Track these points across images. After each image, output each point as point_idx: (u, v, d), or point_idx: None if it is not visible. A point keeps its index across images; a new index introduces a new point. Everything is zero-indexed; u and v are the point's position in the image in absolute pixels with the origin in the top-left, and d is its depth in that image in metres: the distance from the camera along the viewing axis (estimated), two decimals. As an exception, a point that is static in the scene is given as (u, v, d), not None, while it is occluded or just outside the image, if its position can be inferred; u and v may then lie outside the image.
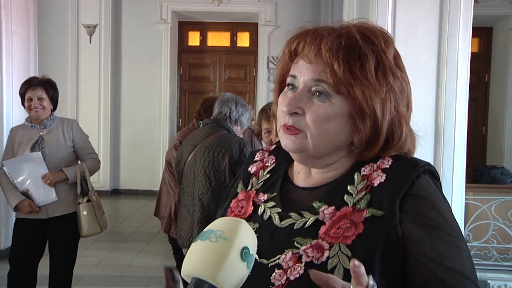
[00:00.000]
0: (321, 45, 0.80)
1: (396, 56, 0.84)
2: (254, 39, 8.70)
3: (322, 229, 0.80)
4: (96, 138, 7.91)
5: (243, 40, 8.84)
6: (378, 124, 0.80)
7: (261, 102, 8.03)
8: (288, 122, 0.82)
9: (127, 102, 8.30)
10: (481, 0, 6.95)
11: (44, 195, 2.93)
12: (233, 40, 8.82)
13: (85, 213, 2.97)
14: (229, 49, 8.81)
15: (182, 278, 0.67)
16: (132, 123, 8.22)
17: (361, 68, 0.79)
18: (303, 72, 0.82)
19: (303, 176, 0.90)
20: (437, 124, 3.24)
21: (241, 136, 2.79)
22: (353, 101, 0.80)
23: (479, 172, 5.08)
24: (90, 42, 7.96)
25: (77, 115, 7.90)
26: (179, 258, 3.31)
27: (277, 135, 1.93)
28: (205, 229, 0.68)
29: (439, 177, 0.85)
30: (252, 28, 8.70)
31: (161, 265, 4.25)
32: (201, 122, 3.20)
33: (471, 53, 3.34)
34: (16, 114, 4.51)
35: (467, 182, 3.45)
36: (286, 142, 0.84)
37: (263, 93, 8.36)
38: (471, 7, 3.29)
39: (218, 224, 0.68)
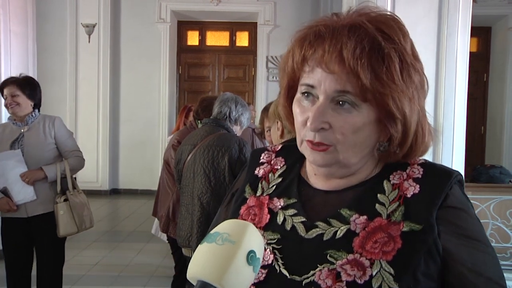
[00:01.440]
0: (342, 51, 0.73)
1: (412, 47, 0.79)
2: (253, 39, 8.70)
3: (356, 241, 0.75)
4: (95, 137, 7.92)
5: (242, 39, 8.84)
6: (407, 125, 0.77)
7: (260, 102, 8.03)
8: (315, 139, 0.76)
9: (126, 101, 8.30)
10: (479, 0, 6.96)
11: (23, 193, 2.88)
12: (232, 40, 8.81)
13: (62, 212, 2.89)
14: (228, 48, 8.81)
15: (187, 280, 0.67)
16: (131, 123, 8.22)
17: (387, 71, 0.74)
18: (323, 82, 0.75)
19: (322, 178, 0.84)
20: (436, 123, 3.24)
21: (240, 135, 2.79)
22: (381, 107, 0.75)
23: (478, 172, 5.09)
24: (89, 42, 7.95)
25: (75, 114, 7.91)
26: (178, 257, 3.31)
27: (281, 136, 1.91)
28: (212, 231, 0.67)
29: (464, 184, 0.82)
30: (251, 27, 8.69)
31: (160, 265, 4.26)
32: (199, 121, 3.20)
33: (470, 52, 3.34)
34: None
35: (466, 181, 3.45)
36: (314, 158, 0.78)
37: (262, 93, 8.35)
38: (469, 6, 3.29)
39: (225, 227, 0.67)
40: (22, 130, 2.94)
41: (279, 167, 0.90)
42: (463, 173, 3.29)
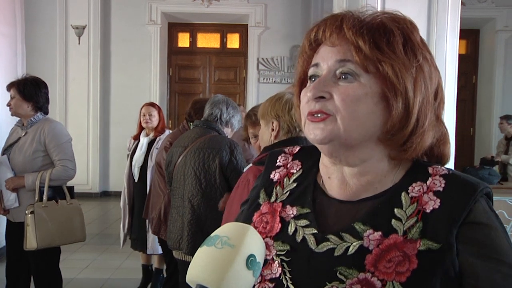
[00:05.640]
0: (342, 24, 0.75)
1: (423, 41, 0.78)
2: (244, 41, 8.70)
3: (369, 258, 0.70)
4: (85, 139, 7.86)
5: (233, 41, 8.84)
6: (409, 103, 0.72)
7: (251, 103, 8.03)
8: (314, 108, 0.73)
9: (116, 103, 8.25)
10: (468, 3, 7.03)
11: (10, 199, 2.86)
12: (223, 42, 8.81)
13: (28, 224, 2.73)
14: (219, 50, 8.80)
15: (180, 283, 0.66)
16: (121, 125, 8.16)
17: (388, 43, 0.73)
18: (326, 57, 0.76)
19: (336, 183, 0.79)
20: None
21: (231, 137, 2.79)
22: (383, 79, 0.72)
23: (467, 173, 5.13)
24: (79, 43, 7.90)
25: (65, 116, 7.84)
26: (169, 260, 3.29)
27: (276, 137, 1.91)
28: (212, 234, 0.67)
29: (492, 197, 0.75)
30: (242, 29, 8.70)
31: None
32: (191, 123, 3.19)
33: (459, 54, 3.37)
34: (3, 114, 4.45)
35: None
36: (314, 132, 0.73)
37: (253, 95, 8.36)
38: (458, 9, 3.32)
39: (224, 230, 0.67)
40: (21, 135, 2.92)
41: (295, 171, 0.86)
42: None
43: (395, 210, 0.73)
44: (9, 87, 2.95)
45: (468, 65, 8.21)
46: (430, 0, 3.25)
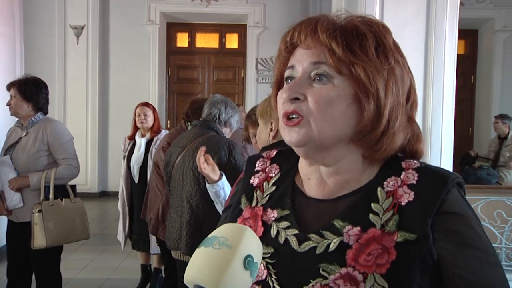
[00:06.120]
0: (317, 27, 0.77)
1: (396, 44, 0.80)
2: (242, 41, 8.71)
3: (349, 253, 0.73)
4: (83, 139, 7.86)
5: (232, 41, 8.84)
6: (381, 105, 0.75)
7: (250, 103, 8.04)
8: (289, 109, 0.76)
9: (115, 103, 8.25)
10: (466, 3, 7.05)
11: (13, 200, 2.86)
12: (222, 42, 8.81)
13: (35, 223, 2.75)
14: (218, 50, 8.81)
15: (179, 284, 0.67)
16: (120, 125, 8.16)
17: (361, 46, 0.75)
18: (301, 60, 0.78)
19: (315, 183, 0.82)
20: (424, 125, 3.27)
21: (230, 137, 2.78)
22: (356, 81, 0.75)
23: (466, 173, 5.14)
24: (78, 43, 7.90)
25: (64, 116, 7.83)
26: (167, 260, 3.29)
27: (275, 137, 1.90)
28: (209, 235, 0.67)
29: (464, 187, 0.78)
30: (240, 29, 8.70)
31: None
32: (189, 123, 3.19)
33: (458, 55, 3.38)
34: (1, 115, 4.45)
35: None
36: (290, 135, 0.76)
37: (252, 95, 8.36)
38: (457, 9, 3.33)
39: (222, 231, 0.67)
40: (22, 135, 2.92)
41: (273, 175, 0.88)
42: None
43: (372, 205, 0.76)
44: (10, 86, 2.95)
45: (467, 65, 8.22)
46: (429, 0, 3.26)
